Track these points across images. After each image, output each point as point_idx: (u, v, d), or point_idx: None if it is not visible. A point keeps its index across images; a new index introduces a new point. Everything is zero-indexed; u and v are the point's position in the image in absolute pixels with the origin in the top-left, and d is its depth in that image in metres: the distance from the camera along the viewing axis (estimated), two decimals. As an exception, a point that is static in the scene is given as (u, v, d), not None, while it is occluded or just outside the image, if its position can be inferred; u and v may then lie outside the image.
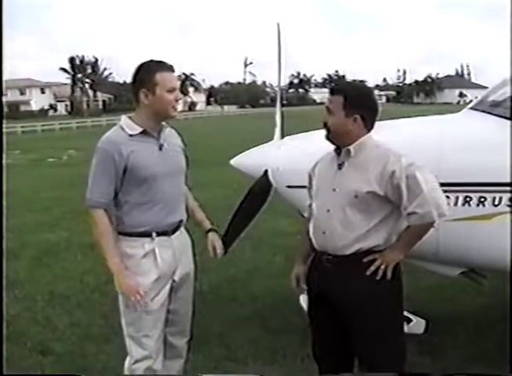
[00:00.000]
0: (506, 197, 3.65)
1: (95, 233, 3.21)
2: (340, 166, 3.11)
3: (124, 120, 3.26)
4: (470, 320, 4.97)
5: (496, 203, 3.64)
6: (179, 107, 3.33)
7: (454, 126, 4.16)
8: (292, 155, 4.20)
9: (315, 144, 3.81)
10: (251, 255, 7.17)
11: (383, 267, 3.03)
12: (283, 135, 4.58)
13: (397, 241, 3.09)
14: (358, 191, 3.00)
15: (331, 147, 3.19)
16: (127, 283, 3.16)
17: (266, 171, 4.24)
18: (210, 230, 3.54)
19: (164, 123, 3.31)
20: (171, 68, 3.22)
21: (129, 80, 3.29)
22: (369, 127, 3.11)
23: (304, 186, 3.45)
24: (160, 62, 3.21)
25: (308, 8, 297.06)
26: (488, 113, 4.17)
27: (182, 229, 3.41)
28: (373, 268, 3.03)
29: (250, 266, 6.79)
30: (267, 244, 7.75)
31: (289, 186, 4.12)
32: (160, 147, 3.25)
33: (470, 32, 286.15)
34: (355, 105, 3.05)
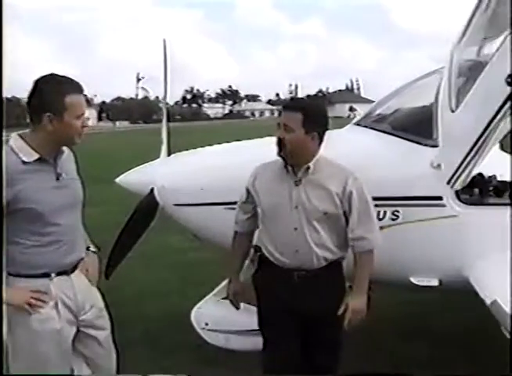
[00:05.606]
0: (389, 211, 3.75)
1: None
2: (296, 183, 3.12)
3: (15, 140, 2.79)
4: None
5: (381, 217, 3.72)
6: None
7: (337, 142, 4.24)
8: (177, 172, 4.13)
9: (202, 162, 3.77)
10: (142, 274, 6.96)
11: (358, 318, 3.14)
12: (169, 152, 4.52)
13: (353, 287, 3.18)
14: (325, 208, 3.07)
15: (218, 164, 3.18)
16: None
17: (152, 189, 4.15)
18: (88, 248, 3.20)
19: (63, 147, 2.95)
20: (80, 89, 2.85)
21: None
22: (321, 144, 3.15)
23: (191, 204, 3.39)
24: (69, 81, 2.82)
25: (200, 24, 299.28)
26: (371, 128, 4.30)
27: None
28: (347, 328, 3.13)
29: (141, 286, 6.57)
30: (157, 261, 7.58)
31: (176, 205, 4.04)
32: (58, 177, 2.88)
33: (359, 49, 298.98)
34: (313, 122, 3.08)
